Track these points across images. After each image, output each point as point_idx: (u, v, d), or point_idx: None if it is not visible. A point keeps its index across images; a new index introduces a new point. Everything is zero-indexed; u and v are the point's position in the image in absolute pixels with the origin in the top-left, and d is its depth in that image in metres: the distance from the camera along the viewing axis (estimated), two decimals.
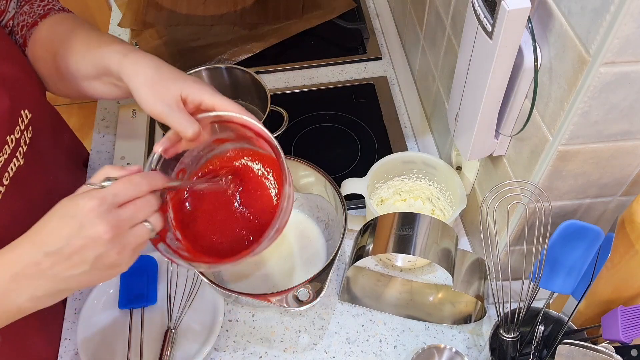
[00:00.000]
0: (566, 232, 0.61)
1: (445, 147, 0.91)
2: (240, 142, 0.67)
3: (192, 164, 0.67)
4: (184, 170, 0.66)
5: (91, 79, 0.70)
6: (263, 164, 0.68)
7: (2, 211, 0.64)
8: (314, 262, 0.82)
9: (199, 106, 0.63)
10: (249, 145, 0.67)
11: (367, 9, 1.25)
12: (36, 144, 0.71)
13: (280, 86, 1.10)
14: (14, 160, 0.66)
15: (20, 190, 0.67)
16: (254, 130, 0.62)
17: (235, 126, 0.63)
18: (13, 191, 0.65)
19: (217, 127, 0.64)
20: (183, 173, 0.67)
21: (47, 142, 0.76)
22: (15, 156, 0.66)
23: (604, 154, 0.57)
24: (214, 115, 0.62)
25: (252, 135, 0.63)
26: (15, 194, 0.66)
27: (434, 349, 0.72)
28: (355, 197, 0.82)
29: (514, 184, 0.62)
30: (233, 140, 0.67)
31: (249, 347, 0.77)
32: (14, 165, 0.66)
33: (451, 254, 0.72)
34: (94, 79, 0.70)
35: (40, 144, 0.72)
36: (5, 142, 0.63)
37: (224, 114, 0.62)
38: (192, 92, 0.62)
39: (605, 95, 0.50)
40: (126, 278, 0.80)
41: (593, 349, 0.56)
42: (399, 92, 1.08)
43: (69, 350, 0.77)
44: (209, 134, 0.64)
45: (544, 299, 0.65)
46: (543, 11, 0.54)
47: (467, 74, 0.64)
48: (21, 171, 0.67)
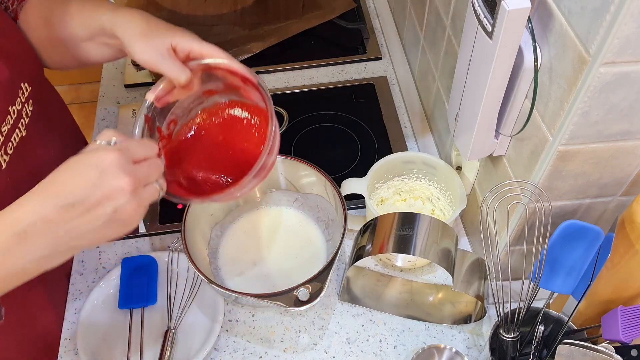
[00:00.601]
0: (566, 232, 0.61)
1: (445, 147, 0.91)
2: (229, 93, 0.69)
3: (183, 115, 0.69)
4: (174, 120, 0.68)
5: (84, 41, 0.72)
6: (251, 114, 0.70)
7: (5, 179, 0.65)
8: (314, 262, 0.82)
9: (189, 54, 0.65)
10: (236, 97, 0.69)
11: (367, 9, 1.25)
12: (38, 117, 0.72)
13: (280, 86, 1.10)
14: (16, 131, 0.67)
15: (23, 160, 0.68)
16: (240, 75, 0.64)
17: (223, 74, 0.66)
18: (17, 160, 0.66)
19: (205, 77, 0.67)
20: (174, 124, 0.68)
21: (48, 116, 0.77)
22: (17, 127, 0.67)
23: (604, 154, 0.57)
24: (204, 62, 0.65)
25: (240, 85, 0.66)
26: (19, 163, 0.67)
27: (434, 349, 0.72)
28: (355, 197, 0.82)
29: (514, 184, 0.62)
30: (221, 92, 0.69)
31: (249, 347, 0.77)
32: (16, 136, 0.67)
33: (451, 254, 0.72)
34: (87, 41, 0.72)
35: (41, 118, 0.74)
36: (7, 112, 0.65)
37: (213, 61, 0.65)
38: (181, 41, 0.65)
39: (605, 95, 0.50)
40: (126, 278, 0.81)
41: (593, 349, 0.56)
42: (399, 92, 1.08)
43: (69, 350, 0.77)
44: (198, 84, 0.66)
45: (544, 299, 0.65)
46: (543, 11, 0.54)
47: (467, 74, 0.64)
48: (24, 142, 0.68)
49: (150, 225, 0.89)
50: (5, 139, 0.65)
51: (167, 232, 0.88)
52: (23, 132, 0.68)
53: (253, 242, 0.86)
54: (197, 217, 0.81)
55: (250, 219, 0.88)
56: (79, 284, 0.83)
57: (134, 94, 1.09)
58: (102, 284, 0.80)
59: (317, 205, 0.86)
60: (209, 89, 0.68)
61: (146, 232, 0.88)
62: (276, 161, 0.67)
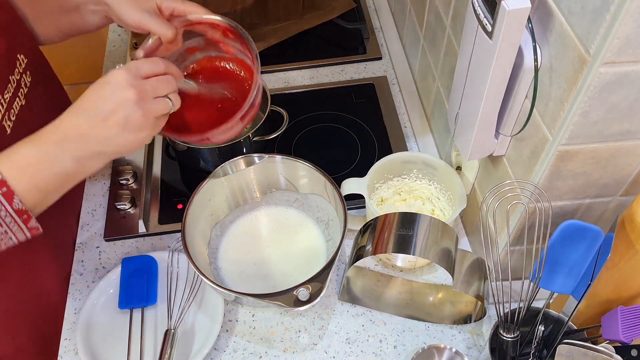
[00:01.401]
0: (566, 232, 0.61)
1: (445, 147, 0.91)
2: (209, 49, 0.77)
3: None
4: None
5: (71, 10, 0.75)
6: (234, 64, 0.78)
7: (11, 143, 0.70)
8: (314, 262, 0.82)
9: (172, 12, 0.72)
10: (217, 52, 0.77)
11: (367, 9, 1.25)
12: (35, 87, 0.77)
13: (280, 86, 1.10)
14: (17, 100, 0.72)
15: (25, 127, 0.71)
16: (222, 27, 0.73)
17: (204, 29, 0.74)
18: (20, 127, 0.71)
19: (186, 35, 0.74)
20: None
21: (45, 87, 0.81)
22: (17, 96, 0.72)
23: (604, 154, 0.57)
24: (187, 18, 0.72)
25: (220, 39, 0.74)
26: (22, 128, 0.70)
27: (434, 349, 0.72)
28: (355, 197, 0.82)
29: (514, 184, 0.62)
30: (202, 48, 0.77)
31: (249, 347, 0.77)
32: (17, 105, 0.72)
33: (451, 254, 0.72)
34: (74, 10, 0.75)
35: (39, 89, 0.78)
36: (8, 81, 0.70)
37: (196, 16, 0.72)
38: (165, 1, 0.71)
39: (605, 95, 0.50)
40: (126, 278, 0.81)
41: (593, 349, 0.56)
42: (399, 92, 1.08)
43: (69, 350, 0.77)
44: (182, 41, 0.74)
45: (544, 299, 0.65)
46: (543, 11, 0.54)
47: (467, 74, 0.64)
48: (24, 110, 0.73)
49: (150, 225, 0.89)
50: (8, 106, 0.70)
51: (167, 232, 0.88)
52: (22, 101, 0.73)
53: (253, 242, 0.86)
54: (197, 217, 0.81)
55: (250, 219, 0.88)
56: (79, 284, 0.83)
57: None
58: (102, 284, 0.80)
59: (317, 205, 0.86)
60: (191, 46, 0.76)
61: (146, 232, 0.88)
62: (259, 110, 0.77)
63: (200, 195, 0.81)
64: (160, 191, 0.93)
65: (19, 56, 0.73)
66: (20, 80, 0.72)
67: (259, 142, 0.93)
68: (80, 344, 0.75)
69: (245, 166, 0.85)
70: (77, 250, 0.87)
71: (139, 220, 0.88)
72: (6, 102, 0.69)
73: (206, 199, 0.82)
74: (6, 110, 0.69)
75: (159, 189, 0.94)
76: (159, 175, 0.96)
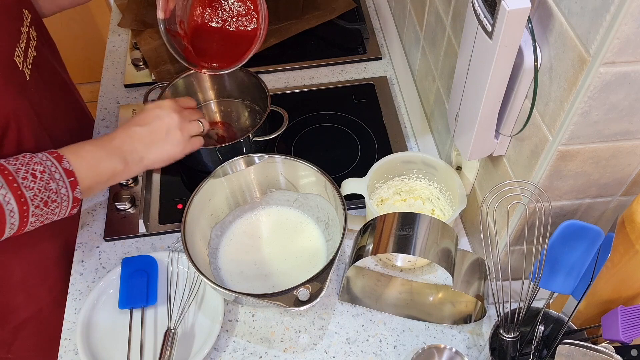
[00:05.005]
0: (566, 232, 0.61)
1: (445, 147, 0.91)
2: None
3: (183, 13, 0.89)
4: (182, 21, 0.90)
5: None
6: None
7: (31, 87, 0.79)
8: (314, 262, 0.82)
9: None
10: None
11: (367, 9, 1.25)
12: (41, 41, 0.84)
13: (280, 86, 1.10)
14: (30, 50, 0.79)
15: (40, 77, 0.82)
16: None
17: None
18: (37, 76, 0.80)
19: None
20: (182, 24, 0.90)
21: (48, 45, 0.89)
22: (29, 47, 0.79)
23: (604, 154, 0.57)
24: None
25: None
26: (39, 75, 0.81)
27: (434, 349, 0.72)
28: (355, 197, 0.82)
29: (514, 184, 0.62)
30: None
31: (249, 347, 0.77)
32: (31, 54, 0.79)
33: (451, 254, 0.72)
34: None
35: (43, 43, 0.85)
36: (20, 32, 0.77)
37: None
38: None
39: (605, 95, 0.50)
40: (126, 278, 0.81)
41: (593, 349, 0.56)
42: (399, 92, 1.08)
43: (69, 350, 0.77)
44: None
45: (544, 299, 0.65)
46: (543, 11, 0.54)
47: (467, 74, 0.64)
48: (37, 61, 0.81)
49: (150, 225, 0.89)
50: (25, 54, 0.77)
51: (167, 232, 0.89)
52: (34, 52, 0.81)
53: (253, 242, 0.86)
54: (197, 217, 0.81)
55: (250, 219, 0.88)
56: (79, 284, 0.83)
57: (134, 94, 1.09)
58: (102, 284, 0.80)
59: (317, 205, 0.86)
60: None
61: (146, 232, 0.88)
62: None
63: (200, 195, 0.81)
64: (160, 191, 0.93)
65: (24, 10, 0.79)
66: (29, 32, 0.79)
67: (259, 142, 0.93)
68: (80, 344, 0.75)
69: (245, 166, 0.85)
70: (77, 250, 0.87)
71: (139, 220, 0.88)
72: (22, 51, 0.76)
73: (206, 199, 0.82)
74: (24, 58, 0.77)
75: (159, 189, 0.94)
76: (159, 175, 0.96)
